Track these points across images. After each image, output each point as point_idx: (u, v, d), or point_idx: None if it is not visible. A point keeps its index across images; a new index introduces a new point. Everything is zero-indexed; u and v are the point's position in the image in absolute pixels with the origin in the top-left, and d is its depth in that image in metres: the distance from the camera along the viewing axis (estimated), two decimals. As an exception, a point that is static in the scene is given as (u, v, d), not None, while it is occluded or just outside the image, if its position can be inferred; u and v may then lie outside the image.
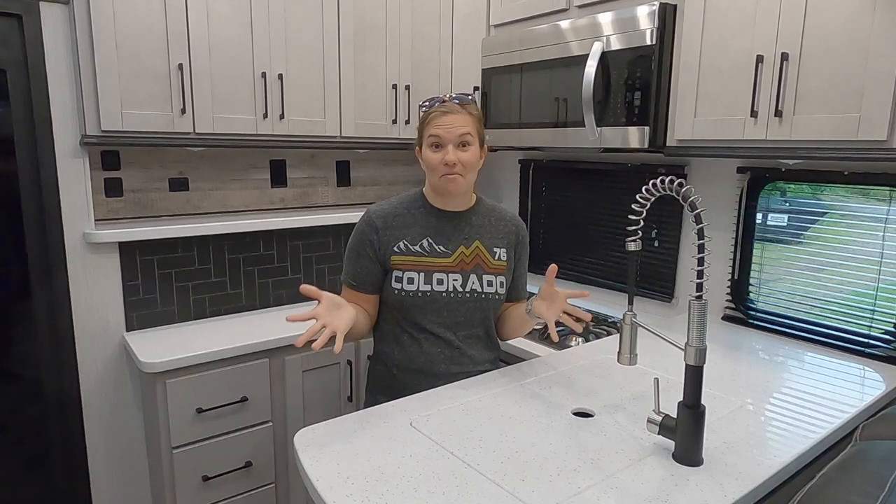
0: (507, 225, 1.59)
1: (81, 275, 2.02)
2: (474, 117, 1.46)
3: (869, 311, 1.79)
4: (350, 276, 1.52)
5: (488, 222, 1.56)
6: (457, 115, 1.42)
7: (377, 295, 1.53)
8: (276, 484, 2.10)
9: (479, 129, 1.48)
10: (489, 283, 1.51)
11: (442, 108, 1.44)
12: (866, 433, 1.20)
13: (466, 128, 1.42)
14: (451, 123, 1.42)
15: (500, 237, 1.56)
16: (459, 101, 1.46)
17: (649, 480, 1.06)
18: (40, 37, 1.86)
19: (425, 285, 1.47)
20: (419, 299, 1.47)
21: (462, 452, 1.15)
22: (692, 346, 1.09)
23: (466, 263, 1.50)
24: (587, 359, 1.69)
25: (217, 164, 2.32)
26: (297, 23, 2.16)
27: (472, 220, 1.54)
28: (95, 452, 2.12)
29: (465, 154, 1.43)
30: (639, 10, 1.82)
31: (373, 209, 1.53)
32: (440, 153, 1.43)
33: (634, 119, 1.88)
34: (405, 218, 1.51)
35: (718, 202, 2.09)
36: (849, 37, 1.46)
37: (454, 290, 1.48)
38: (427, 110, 1.47)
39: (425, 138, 1.45)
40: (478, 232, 1.54)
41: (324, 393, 2.18)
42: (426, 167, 1.47)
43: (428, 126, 1.44)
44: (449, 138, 1.41)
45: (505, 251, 1.56)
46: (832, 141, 1.51)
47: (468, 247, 1.51)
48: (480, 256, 1.52)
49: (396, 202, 1.55)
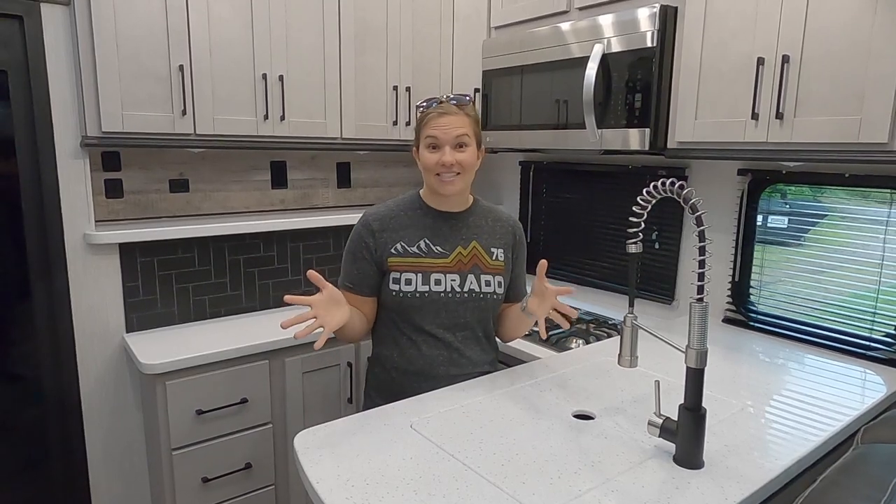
0: (504, 225, 1.59)
1: (81, 276, 2.02)
2: (471, 118, 1.46)
3: (870, 314, 1.79)
4: (347, 279, 1.52)
5: (485, 223, 1.56)
6: (454, 117, 1.43)
7: (374, 297, 1.53)
8: (276, 486, 2.10)
9: (477, 130, 1.48)
10: (487, 283, 1.52)
11: (439, 110, 1.44)
12: (867, 436, 1.19)
13: (463, 129, 1.43)
14: (449, 124, 1.42)
15: (498, 237, 1.57)
16: (457, 103, 1.45)
17: (650, 483, 1.06)
18: (41, 38, 1.86)
19: (423, 286, 1.47)
20: (417, 300, 1.47)
21: (462, 455, 1.14)
22: (693, 348, 1.09)
23: (464, 264, 1.50)
24: (587, 361, 1.69)
25: (217, 166, 2.32)
26: (298, 24, 2.16)
27: (469, 220, 1.55)
28: (95, 453, 2.12)
29: (462, 155, 1.43)
30: (639, 12, 1.82)
31: (370, 212, 1.53)
32: (437, 154, 1.43)
33: (635, 121, 1.88)
34: (402, 220, 1.51)
35: (719, 204, 2.09)
36: (849, 39, 1.46)
37: (452, 291, 1.48)
38: (424, 111, 1.47)
39: (422, 139, 1.46)
40: (475, 232, 1.54)
41: (324, 395, 2.18)
42: (423, 168, 1.47)
43: (425, 127, 1.45)
44: (446, 139, 1.42)
45: (502, 251, 1.56)
46: (833, 143, 1.51)
47: (465, 247, 1.51)
48: (478, 256, 1.52)
49: (393, 204, 1.55)
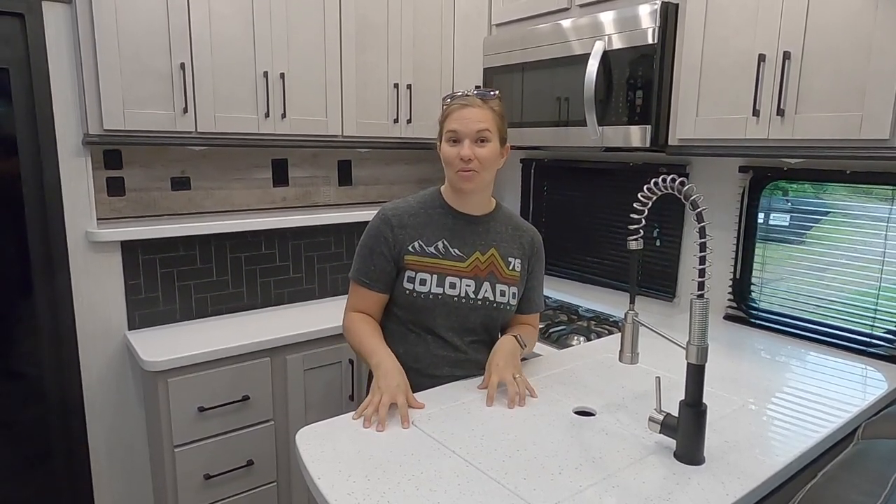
0: (525, 235, 1.55)
1: (83, 274, 2.02)
2: (496, 113, 1.41)
3: (871, 311, 1.79)
4: (362, 274, 1.48)
5: (506, 230, 1.53)
6: (476, 110, 1.38)
7: (387, 295, 1.49)
8: (278, 482, 2.11)
9: (501, 126, 1.43)
10: (502, 293, 1.49)
11: (462, 101, 1.40)
12: (868, 432, 1.20)
13: (484, 123, 1.38)
14: (470, 117, 1.38)
15: (516, 247, 1.53)
16: (481, 96, 1.41)
17: (651, 479, 1.06)
18: (43, 36, 1.86)
19: (437, 288, 1.44)
20: (430, 301, 1.44)
21: (463, 451, 1.15)
22: (694, 344, 1.09)
23: (481, 270, 1.47)
24: (589, 358, 1.69)
25: (219, 164, 2.32)
26: (299, 22, 2.16)
27: (490, 226, 1.51)
28: (97, 451, 2.12)
29: (482, 150, 1.39)
30: (640, 9, 1.82)
31: (388, 207, 1.49)
32: (457, 148, 1.39)
33: (636, 118, 1.87)
34: (421, 217, 1.47)
35: (720, 201, 2.09)
36: (851, 35, 1.46)
37: (466, 296, 1.45)
38: (448, 104, 1.43)
39: (444, 133, 1.42)
40: (495, 239, 1.50)
41: (325, 392, 2.18)
42: (444, 163, 1.44)
43: (447, 120, 1.41)
44: (466, 133, 1.38)
45: (520, 262, 1.53)
46: (834, 140, 1.51)
47: (484, 253, 1.48)
48: (495, 264, 1.49)
49: (413, 201, 1.51)
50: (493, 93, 1.44)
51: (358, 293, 1.50)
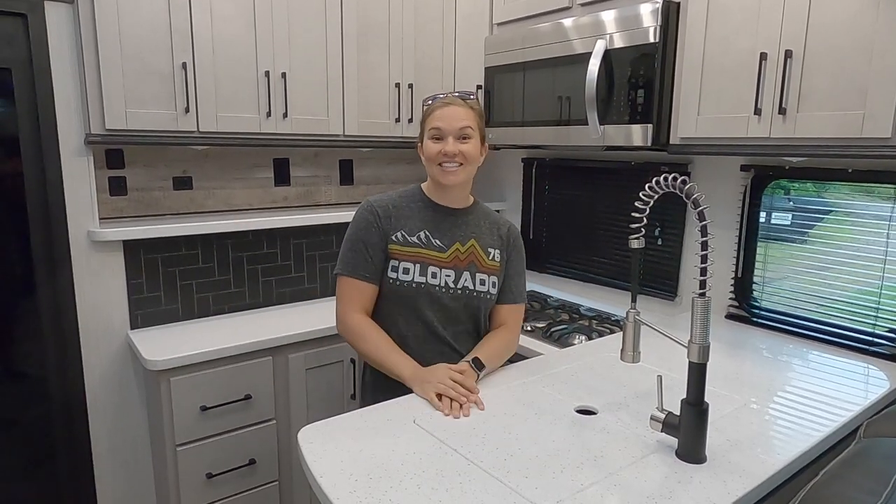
0: (501, 228, 1.61)
1: (86, 273, 2.03)
2: (476, 112, 1.49)
3: (873, 310, 1.79)
4: (360, 268, 1.49)
5: (484, 224, 1.58)
6: (458, 108, 1.46)
7: (377, 287, 1.51)
8: (280, 481, 2.11)
9: (480, 124, 1.51)
10: (482, 283, 1.53)
11: (444, 101, 1.47)
12: (870, 430, 1.20)
13: (467, 121, 1.46)
14: (453, 115, 1.45)
15: (495, 238, 1.59)
16: (462, 97, 1.49)
17: (652, 478, 1.06)
18: (45, 36, 1.86)
19: (420, 277, 1.48)
20: (412, 290, 1.48)
21: (465, 449, 1.15)
22: (695, 343, 1.09)
23: (461, 260, 1.52)
24: (590, 357, 1.69)
25: (221, 163, 2.33)
26: (301, 22, 2.16)
27: (470, 219, 1.56)
28: (100, 450, 2.13)
29: (465, 146, 1.46)
30: (642, 7, 1.82)
31: (372, 199, 1.55)
32: (440, 144, 1.46)
33: (637, 117, 1.87)
34: (403, 210, 1.53)
35: (722, 200, 2.09)
36: (853, 34, 1.46)
37: (446, 286, 1.49)
38: (430, 105, 1.50)
39: (426, 131, 1.49)
40: (474, 231, 1.56)
41: (327, 391, 2.18)
42: (426, 159, 1.49)
43: (429, 119, 1.48)
44: (449, 130, 1.45)
45: (499, 252, 1.58)
46: (836, 139, 1.51)
47: (464, 244, 1.53)
48: (475, 254, 1.54)
49: (395, 195, 1.56)
50: (471, 95, 1.53)
51: (356, 289, 1.50)
